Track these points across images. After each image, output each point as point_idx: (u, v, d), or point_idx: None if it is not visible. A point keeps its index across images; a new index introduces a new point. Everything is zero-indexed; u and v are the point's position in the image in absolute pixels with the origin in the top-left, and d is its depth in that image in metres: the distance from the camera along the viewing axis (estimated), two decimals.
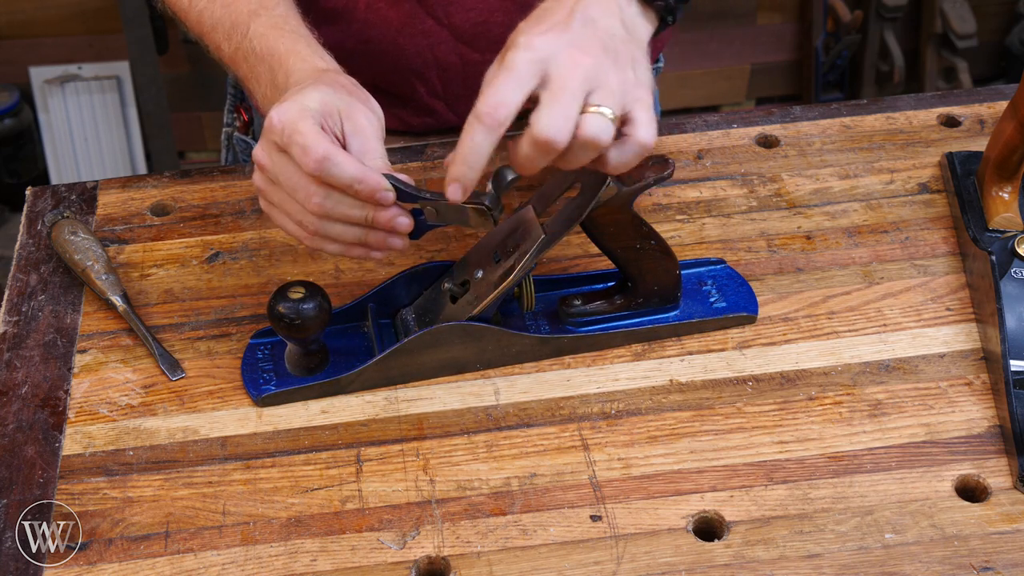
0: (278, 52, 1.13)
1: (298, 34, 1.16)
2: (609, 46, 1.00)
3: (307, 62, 1.11)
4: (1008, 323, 1.11)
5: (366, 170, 1.00)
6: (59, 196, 1.33)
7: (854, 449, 1.05)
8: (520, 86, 0.96)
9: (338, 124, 1.02)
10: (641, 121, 0.99)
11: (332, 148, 0.98)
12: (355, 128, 1.02)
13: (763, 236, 1.27)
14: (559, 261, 1.24)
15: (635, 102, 0.99)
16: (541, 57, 0.97)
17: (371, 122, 1.03)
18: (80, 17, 3.04)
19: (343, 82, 1.07)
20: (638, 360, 1.14)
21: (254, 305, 1.20)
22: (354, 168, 0.99)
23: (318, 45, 1.16)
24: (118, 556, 0.98)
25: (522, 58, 0.96)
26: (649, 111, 1.00)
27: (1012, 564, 0.96)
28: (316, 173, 0.99)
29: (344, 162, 0.99)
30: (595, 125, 0.96)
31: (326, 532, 1.00)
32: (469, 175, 0.98)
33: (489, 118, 0.95)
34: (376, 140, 1.03)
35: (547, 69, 0.97)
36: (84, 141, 3.10)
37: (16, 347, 1.16)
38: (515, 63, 0.96)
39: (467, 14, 1.37)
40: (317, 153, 0.98)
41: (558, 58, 0.97)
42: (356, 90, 1.07)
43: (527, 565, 0.97)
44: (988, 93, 1.46)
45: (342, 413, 1.10)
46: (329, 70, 1.10)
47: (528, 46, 0.97)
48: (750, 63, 3.33)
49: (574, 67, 0.96)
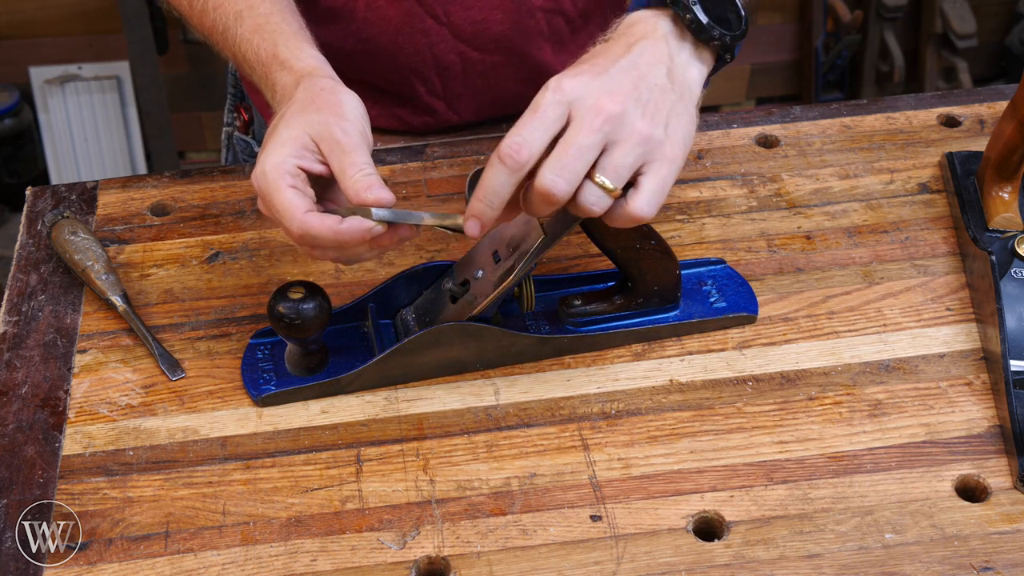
0: (262, 60, 1.14)
1: (277, 33, 1.15)
2: (644, 97, 0.98)
3: (288, 69, 1.11)
4: (1008, 323, 1.11)
5: (343, 228, 1.00)
6: (59, 196, 1.33)
7: (854, 449, 1.05)
8: (545, 128, 0.96)
9: (316, 151, 1.03)
10: (644, 191, 0.98)
11: (306, 220, 1.00)
12: (331, 147, 1.02)
13: (763, 236, 1.27)
14: (559, 261, 1.24)
15: (651, 163, 0.98)
16: (568, 100, 0.96)
17: (347, 133, 1.02)
18: (80, 17, 3.04)
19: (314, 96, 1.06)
20: (638, 360, 1.14)
21: (254, 305, 1.20)
22: (330, 232, 1.00)
23: (299, 39, 1.15)
24: (118, 556, 0.98)
25: (549, 100, 0.96)
26: (661, 179, 0.98)
27: (1012, 564, 0.96)
28: (300, 243, 1.02)
29: (320, 231, 1.00)
30: (591, 196, 0.97)
31: (326, 532, 1.00)
32: (488, 213, 0.99)
33: (511, 160, 0.95)
34: (355, 151, 1.02)
35: (572, 112, 0.97)
36: (84, 141, 3.10)
37: (16, 347, 1.16)
38: (541, 104, 0.97)
39: (466, 13, 1.37)
40: (293, 230, 1.00)
41: (584, 102, 0.96)
42: (330, 98, 1.05)
43: (527, 565, 0.97)
44: (988, 93, 1.46)
45: (342, 413, 1.10)
46: (306, 74, 1.09)
47: (557, 88, 0.97)
48: (750, 63, 3.33)
49: (597, 115, 0.96)
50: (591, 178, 0.97)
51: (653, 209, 0.99)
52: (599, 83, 0.97)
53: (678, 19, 1.04)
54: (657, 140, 0.98)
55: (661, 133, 0.98)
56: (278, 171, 1.01)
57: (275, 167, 1.01)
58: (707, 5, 1.03)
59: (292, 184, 1.01)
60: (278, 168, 1.01)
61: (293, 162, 1.02)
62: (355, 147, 1.02)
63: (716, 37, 1.04)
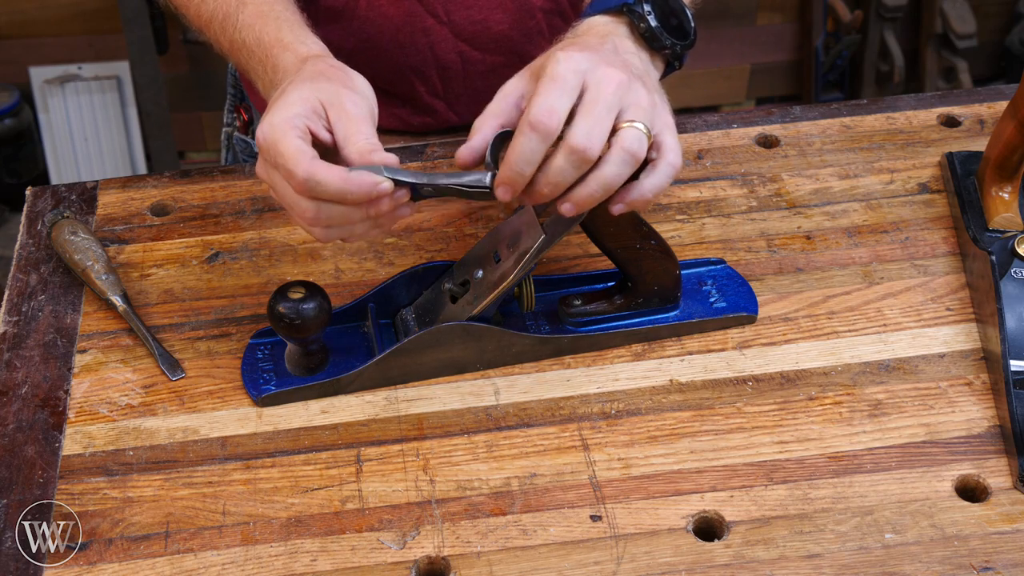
0: (264, 43, 1.14)
1: (282, 20, 1.16)
2: (635, 73, 1.04)
3: (292, 51, 1.12)
4: (1008, 323, 1.11)
5: (351, 177, 0.99)
6: (59, 196, 1.33)
7: (854, 449, 1.05)
8: (567, 94, 0.99)
9: (324, 117, 1.02)
10: (670, 146, 1.04)
11: (313, 165, 0.99)
12: (339, 114, 1.02)
13: (763, 236, 1.27)
14: (559, 261, 1.24)
15: (663, 126, 1.04)
16: (583, 68, 1.00)
17: (356, 104, 1.03)
18: (80, 17, 3.04)
19: (324, 69, 1.07)
20: (638, 360, 1.14)
21: (254, 305, 1.20)
22: (338, 179, 0.99)
23: (303, 29, 1.16)
24: (118, 556, 0.98)
25: (566, 68, 1.00)
26: (676, 136, 1.04)
27: (1012, 564, 0.96)
28: (304, 193, 1.00)
29: (327, 177, 0.99)
30: (632, 137, 1.00)
31: (326, 532, 1.00)
32: (519, 180, 1.01)
33: (542, 126, 0.98)
34: (362, 121, 1.03)
35: (586, 80, 1.00)
36: (84, 141, 3.10)
37: (16, 347, 1.16)
38: (560, 73, 1.00)
39: (466, 12, 1.37)
40: (299, 175, 0.98)
41: (595, 72, 1.00)
42: (340, 73, 1.06)
43: (527, 565, 0.97)
44: (988, 93, 1.46)
45: (342, 413, 1.10)
46: (312, 56, 1.10)
47: (569, 58, 1.00)
48: (750, 63, 3.33)
49: (609, 81, 1.00)
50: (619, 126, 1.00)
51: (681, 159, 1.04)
52: (600, 56, 1.02)
53: (633, 27, 1.11)
54: (659, 106, 1.04)
55: (659, 101, 1.05)
56: (287, 123, 1.00)
57: (284, 120, 1.00)
58: (660, 15, 1.10)
59: (300, 136, 1.00)
60: (288, 121, 1.00)
61: (303, 120, 1.01)
62: (363, 119, 1.03)
63: (668, 46, 1.12)
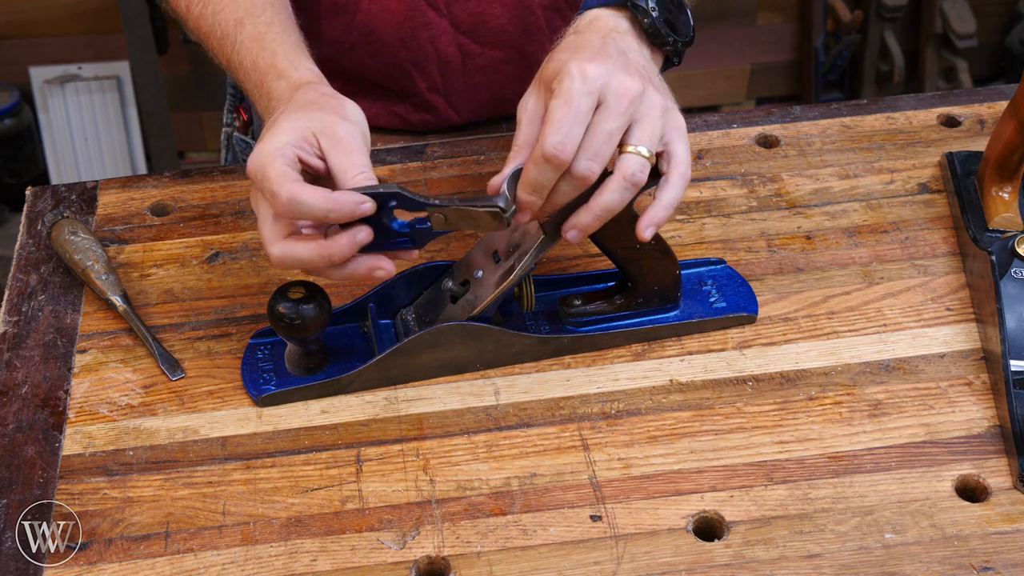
0: (260, 68, 1.14)
1: (277, 43, 1.15)
2: (645, 75, 1.04)
3: (286, 79, 1.11)
4: (1008, 323, 1.11)
5: (334, 196, 0.98)
6: (59, 196, 1.33)
7: (854, 449, 1.05)
8: (581, 123, 1.00)
9: (315, 145, 1.02)
10: (680, 157, 1.04)
11: (297, 187, 0.98)
12: (332, 143, 1.02)
13: (763, 236, 1.27)
14: (559, 261, 1.24)
15: (674, 131, 1.04)
16: (597, 88, 1.00)
17: (350, 132, 1.02)
18: (80, 17, 3.03)
19: (316, 98, 1.06)
20: (638, 360, 1.14)
21: (254, 305, 1.20)
22: (320, 199, 0.98)
23: (298, 52, 1.15)
24: (118, 556, 0.98)
25: (579, 90, 0.99)
26: (686, 141, 1.05)
27: (1012, 564, 0.96)
28: (288, 215, 0.99)
29: (310, 198, 0.98)
30: (635, 165, 1.01)
31: (326, 532, 1.00)
32: (537, 203, 1.02)
33: (556, 160, 0.99)
34: (356, 152, 1.02)
35: (601, 93, 1.00)
36: (84, 141, 3.10)
37: (16, 347, 1.16)
38: (574, 95, 0.99)
39: (466, 4, 1.38)
40: (282, 196, 0.98)
41: (610, 87, 1.00)
42: (332, 101, 1.05)
43: (527, 565, 0.97)
44: (988, 93, 1.46)
45: (342, 413, 1.10)
46: (304, 83, 1.09)
47: (583, 76, 1.00)
48: (750, 63, 3.33)
49: (624, 95, 1.00)
50: (624, 150, 1.01)
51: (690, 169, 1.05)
52: (614, 64, 1.02)
53: (635, 21, 1.10)
54: (671, 109, 1.05)
55: (671, 103, 1.05)
56: (277, 151, 1.00)
57: (275, 148, 1.00)
58: (662, 11, 1.10)
59: (288, 164, 1.00)
60: (278, 149, 1.00)
61: (292, 150, 1.01)
62: (357, 148, 1.02)
63: (669, 43, 1.11)
